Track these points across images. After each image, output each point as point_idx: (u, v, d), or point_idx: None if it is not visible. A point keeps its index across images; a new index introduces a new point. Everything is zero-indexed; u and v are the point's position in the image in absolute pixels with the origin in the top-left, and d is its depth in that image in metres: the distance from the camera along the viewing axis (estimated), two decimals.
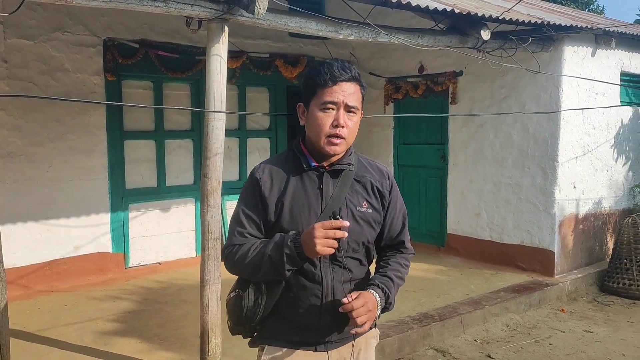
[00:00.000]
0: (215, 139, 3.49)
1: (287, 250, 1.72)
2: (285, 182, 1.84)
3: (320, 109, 1.80)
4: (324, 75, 1.78)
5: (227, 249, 1.85)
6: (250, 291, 1.83)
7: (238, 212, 1.87)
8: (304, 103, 1.86)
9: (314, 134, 1.82)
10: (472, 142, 6.62)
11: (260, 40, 7.02)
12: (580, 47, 5.93)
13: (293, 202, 1.82)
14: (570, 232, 6.10)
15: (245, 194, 1.87)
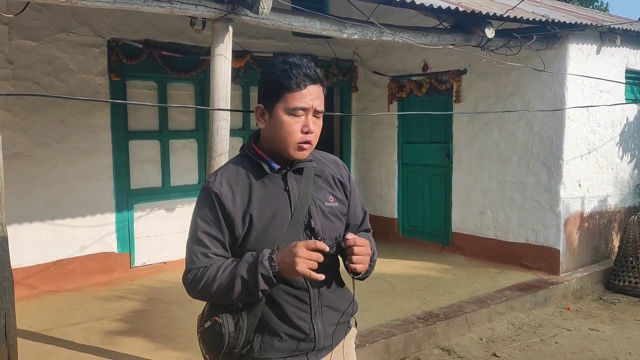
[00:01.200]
0: (220, 139, 3.50)
1: (263, 270, 1.59)
2: (248, 191, 1.70)
3: (288, 114, 1.67)
4: (294, 78, 1.65)
5: (190, 274, 1.68)
6: (228, 316, 1.67)
7: (197, 232, 1.69)
8: (265, 105, 1.71)
9: (281, 139, 1.69)
10: (477, 141, 6.61)
11: (264, 39, 7.02)
12: (584, 45, 5.91)
13: (261, 211, 1.69)
14: (575, 230, 6.08)
15: (204, 212, 1.69)
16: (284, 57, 1.71)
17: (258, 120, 1.74)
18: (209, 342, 1.72)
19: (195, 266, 1.68)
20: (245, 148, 1.78)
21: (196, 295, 1.71)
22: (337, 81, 7.76)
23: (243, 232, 1.68)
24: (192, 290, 1.70)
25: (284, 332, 1.73)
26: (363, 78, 7.87)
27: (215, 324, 1.68)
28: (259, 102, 1.73)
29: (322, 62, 7.53)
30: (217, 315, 1.68)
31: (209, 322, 1.70)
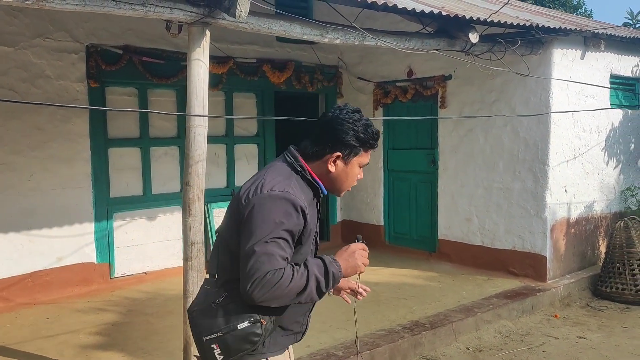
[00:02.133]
0: (198, 145, 3.39)
1: (334, 270, 1.83)
2: (311, 204, 1.92)
3: (359, 166, 1.99)
4: (375, 142, 1.97)
5: (269, 274, 1.73)
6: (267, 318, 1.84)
7: (277, 236, 1.77)
8: (344, 155, 1.95)
9: (344, 184, 2.00)
10: (463, 147, 6.55)
11: (247, 45, 6.93)
12: (569, 50, 5.89)
13: (310, 228, 1.90)
14: (562, 236, 6.03)
15: (289, 220, 1.80)
16: (361, 114, 1.97)
17: (330, 164, 1.95)
18: (237, 342, 1.81)
19: (273, 267, 1.74)
20: (297, 166, 1.94)
21: (264, 295, 1.74)
22: (322, 87, 7.69)
23: (303, 240, 1.89)
24: (263, 289, 1.73)
25: (290, 328, 1.94)
26: (348, 84, 7.80)
27: (255, 325, 1.81)
28: (338, 150, 1.94)
29: (307, 68, 7.46)
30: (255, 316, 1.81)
31: (246, 323, 1.80)
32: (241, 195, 1.87)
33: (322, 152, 1.95)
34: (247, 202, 1.82)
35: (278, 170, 1.92)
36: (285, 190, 1.83)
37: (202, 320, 1.85)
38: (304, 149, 1.98)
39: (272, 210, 1.79)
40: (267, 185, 1.83)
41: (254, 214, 1.79)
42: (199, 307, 1.89)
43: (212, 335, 1.82)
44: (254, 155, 7.19)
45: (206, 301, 1.88)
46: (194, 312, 1.89)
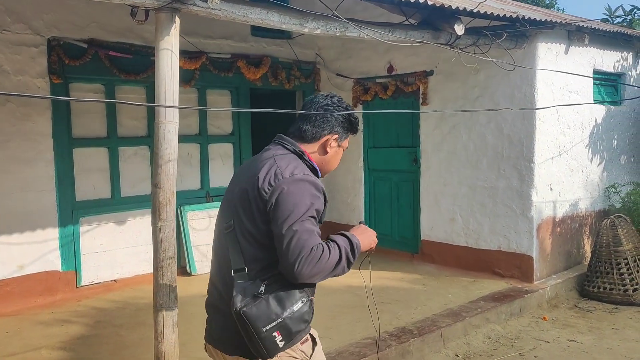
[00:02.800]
0: (168, 143, 3.09)
1: (357, 242, 1.97)
2: None
3: (341, 149, 2.18)
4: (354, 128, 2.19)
5: (314, 249, 1.83)
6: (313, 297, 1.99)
7: (311, 214, 1.89)
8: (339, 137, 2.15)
9: (332, 165, 2.19)
10: (445, 144, 6.36)
11: (221, 40, 6.63)
12: (553, 44, 5.74)
13: None
14: (548, 235, 5.88)
15: (317, 201, 1.92)
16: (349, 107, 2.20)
17: (329, 146, 2.13)
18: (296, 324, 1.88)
19: (315, 243, 1.84)
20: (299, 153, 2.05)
21: (311, 271, 1.82)
22: (299, 84, 7.42)
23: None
24: (310, 264, 1.81)
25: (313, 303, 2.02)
26: (326, 81, 7.55)
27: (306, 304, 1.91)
28: (335, 132, 2.13)
29: (283, 64, 7.18)
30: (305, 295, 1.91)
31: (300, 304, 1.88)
32: (259, 186, 1.91)
33: (319, 134, 2.10)
34: (271, 189, 1.89)
35: (287, 158, 2.00)
36: (305, 173, 1.95)
37: (256, 314, 1.83)
38: (300, 133, 2.10)
39: (300, 192, 1.89)
40: (286, 171, 1.92)
41: (284, 198, 1.87)
42: (244, 302, 1.85)
43: (272, 324, 1.84)
44: (229, 155, 6.89)
45: (247, 295, 1.87)
46: (243, 309, 1.83)
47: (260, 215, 1.90)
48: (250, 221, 1.93)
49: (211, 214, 6.50)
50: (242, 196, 1.96)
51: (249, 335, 1.84)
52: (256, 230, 1.92)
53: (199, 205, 6.44)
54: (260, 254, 1.93)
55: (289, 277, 1.85)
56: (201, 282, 6.16)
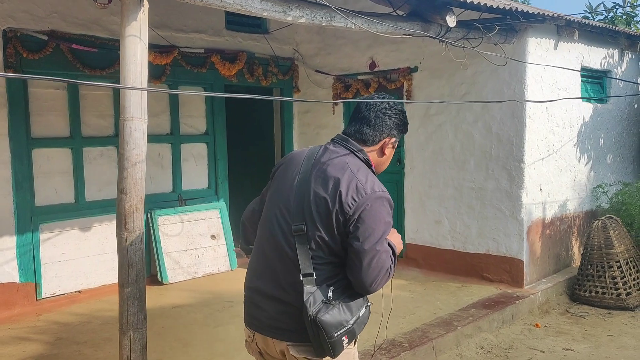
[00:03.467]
0: (135, 143, 2.73)
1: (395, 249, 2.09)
2: None
3: (393, 148, 2.23)
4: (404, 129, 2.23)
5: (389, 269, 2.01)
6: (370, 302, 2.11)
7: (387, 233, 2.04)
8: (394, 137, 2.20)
9: (385, 165, 2.25)
10: (431, 144, 6.09)
11: (194, 33, 6.24)
12: (543, 39, 5.52)
13: None
14: (538, 238, 5.66)
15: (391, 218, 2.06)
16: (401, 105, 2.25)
17: (386, 149, 2.19)
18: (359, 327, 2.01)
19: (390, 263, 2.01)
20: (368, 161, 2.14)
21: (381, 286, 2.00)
22: (276, 81, 7.07)
23: None
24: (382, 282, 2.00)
25: None
26: (305, 78, 7.22)
27: (368, 309, 2.06)
28: (393, 135, 2.19)
29: (260, 60, 6.83)
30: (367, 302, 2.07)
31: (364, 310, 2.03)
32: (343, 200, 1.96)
33: (379, 137, 2.15)
34: (354, 204, 1.96)
35: (363, 169, 2.07)
36: (383, 190, 2.03)
37: (330, 321, 1.92)
38: (360, 136, 2.16)
39: (381, 211, 2.00)
40: (367, 186, 1.99)
41: (367, 215, 1.96)
42: (316, 308, 1.93)
43: (342, 330, 1.93)
44: (203, 156, 6.50)
45: (317, 300, 1.94)
46: (318, 317, 1.91)
47: (338, 227, 1.98)
48: (327, 231, 1.99)
49: (184, 219, 6.11)
50: (320, 204, 2.01)
51: (319, 339, 1.93)
52: (332, 241, 1.99)
53: (170, 209, 6.04)
54: (330, 258, 2.01)
55: (359, 290, 2.01)
56: (174, 292, 5.80)
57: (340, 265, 2.02)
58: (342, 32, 6.81)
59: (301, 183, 2.08)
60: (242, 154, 7.84)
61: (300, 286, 1.96)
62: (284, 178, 2.15)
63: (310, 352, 2.00)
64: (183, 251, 6.03)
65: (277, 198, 2.13)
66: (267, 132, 7.41)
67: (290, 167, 2.18)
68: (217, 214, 6.42)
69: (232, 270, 6.35)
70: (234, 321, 4.70)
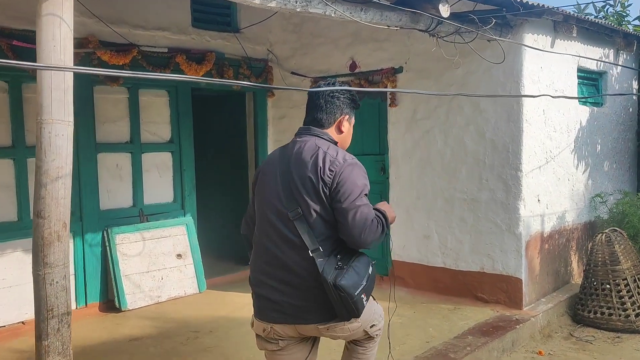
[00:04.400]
0: (56, 153, 2.13)
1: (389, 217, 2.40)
2: None
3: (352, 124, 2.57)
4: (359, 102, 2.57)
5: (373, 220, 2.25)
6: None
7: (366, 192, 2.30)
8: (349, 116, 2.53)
9: (347, 141, 2.56)
10: (418, 151, 5.57)
11: (156, 31, 5.64)
12: (540, 36, 5.05)
13: None
14: (536, 254, 5.16)
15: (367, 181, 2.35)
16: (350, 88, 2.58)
17: (343, 126, 2.50)
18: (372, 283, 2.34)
19: (373, 215, 2.26)
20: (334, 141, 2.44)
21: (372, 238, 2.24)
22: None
23: None
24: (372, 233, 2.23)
25: None
26: (280, 80, 6.65)
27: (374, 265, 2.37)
28: (345, 113, 2.50)
29: (230, 62, 6.25)
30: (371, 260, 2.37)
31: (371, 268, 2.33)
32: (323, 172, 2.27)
33: (333, 118, 2.46)
34: (332, 173, 2.28)
35: (331, 146, 2.38)
36: (353, 158, 2.36)
37: (349, 283, 2.19)
38: (318, 122, 2.46)
39: (357, 174, 2.31)
40: (340, 157, 2.32)
41: (345, 179, 2.27)
42: (334, 275, 2.21)
43: (360, 288, 2.22)
44: (168, 166, 5.87)
45: (331, 268, 2.23)
46: (339, 282, 2.18)
47: (327, 198, 2.26)
48: (319, 204, 2.27)
49: (145, 237, 5.48)
50: (306, 183, 2.28)
51: (343, 301, 2.18)
52: (325, 213, 2.27)
53: (130, 226, 5.40)
54: (329, 232, 2.28)
55: (353, 245, 2.26)
56: (133, 320, 5.11)
57: (339, 239, 2.28)
58: (320, 30, 6.28)
59: (284, 175, 2.35)
60: (212, 163, 7.23)
61: (309, 263, 2.23)
62: (266, 180, 2.42)
63: (336, 320, 2.28)
64: (145, 273, 5.39)
65: (267, 197, 2.39)
66: (240, 139, 6.81)
67: (268, 170, 2.45)
68: (183, 231, 5.79)
69: (200, 292, 5.72)
70: (199, 357, 4.10)
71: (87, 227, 5.13)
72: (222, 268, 6.45)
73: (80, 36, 5.05)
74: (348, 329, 2.34)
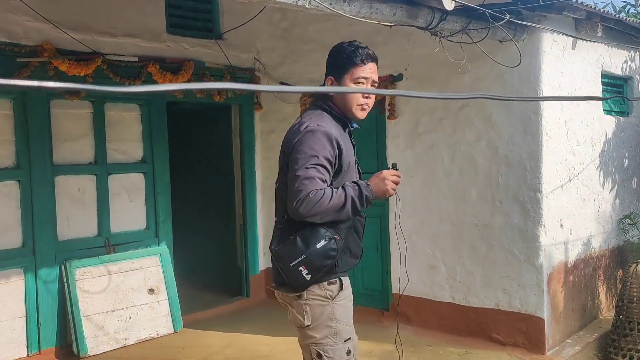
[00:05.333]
0: None
1: (367, 193, 2.20)
2: (343, 138, 2.30)
3: (354, 82, 2.32)
4: (360, 57, 2.32)
5: (311, 193, 2.11)
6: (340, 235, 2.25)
7: (317, 162, 2.16)
8: (335, 77, 2.35)
9: (348, 102, 2.33)
10: (421, 169, 4.90)
11: (125, 37, 5.03)
12: (560, 36, 4.37)
13: (347, 157, 2.28)
14: (560, 288, 4.45)
15: (325, 150, 2.18)
16: (351, 41, 2.39)
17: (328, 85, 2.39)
18: (320, 259, 2.20)
19: (315, 187, 2.13)
20: (325, 107, 2.34)
21: (309, 211, 2.13)
22: (233, 96, 5.87)
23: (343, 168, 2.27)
24: (308, 205, 2.12)
25: (354, 251, 2.37)
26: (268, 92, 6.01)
27: (331, 242, 2.21)
28: (329, 75, 2.39)
29: (212, 71, 5.63)
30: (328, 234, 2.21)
31: (323, 242, 2.19)
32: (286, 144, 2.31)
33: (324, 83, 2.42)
34: (289, 143, 2.27)
35: (311, 114, 2.33)
36: (319, 124, 2.24)
37: (285, 251, 2.22)
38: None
39: (309, 142, 2.19)
40: (304, 125, 2.26)
41: (295, 148, 2.22)
42: (277, 242, 2.29)
43: (298, 259, 2.18)
44: (139, 189, 5.22)
45: (282, 237, 2.28)
46: (275, 248, 2.28)
47: (287, 168, 2.28)
48: (283, 175, 2.33)
49: (112, 270, 4.82)
50: (280, 159, 2.37)
51: (279, 270, 2.28)
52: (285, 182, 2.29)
53: (93, 259, 4.74)
54: None
55: (292, 215, 2.20)
56: None
57: None
58: (310, 35, 5.66)
59: None
60: (194, 184, 6.59)
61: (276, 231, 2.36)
62: None
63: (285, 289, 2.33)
64: (109, 312, 4.72)
65: None
66: (225, 156, 6.16)
67: None
68: (156, 262, 5.13)
69: (175, 332, 5.04)
70: None
71: (41, 261, 4.48)
72: (203, 302, 5.77)
73: (34, 43, 4.46)
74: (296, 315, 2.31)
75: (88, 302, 4.63)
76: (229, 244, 6.13)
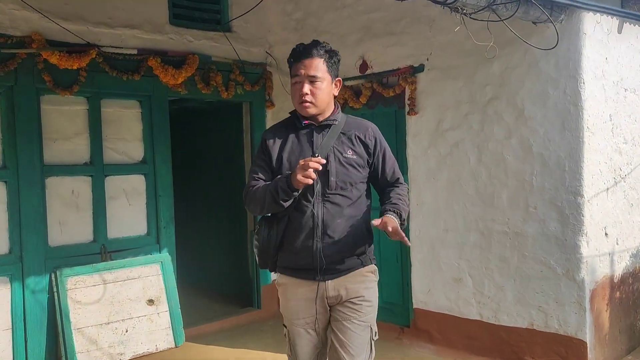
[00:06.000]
0: None
1: (281, 184, 2.29)
2: (285, 138, 2.44)
3: (292, 83, 2.42)
4: (292, 56, 2.43)
5: (246, 190, 2.43)
6: (265, 226, 2.45)
7: (253, 163, 2.50)
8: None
9: (293, 100, 2.44)
10: (445, 170, 4.39)
11: (124, 29, 4.69)
12: (604, 17, 3.82)
13: (290, 153, 2.41)
14: (605, 306, 3.88)
15: (258, 151, 2.50)
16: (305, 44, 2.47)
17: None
18: (254, 243, 2.50)
19: (250, 185, 2.42)
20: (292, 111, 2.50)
21: (247, 204, 2.45)
22: (242, 92, 5.47)
23: (276, 166, 2.42)
24: (246, 199, 2.44)
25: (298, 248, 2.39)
26: (281, 88, 5.60)
27: (256, 230, 2.48)
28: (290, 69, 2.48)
29: (219, 66, 5.25)
30: (259, 224, 2.48)
31: (256, 228, 2.49)
32: None
33: None
34: None
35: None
36: (265, 131, 2.56)
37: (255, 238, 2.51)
38: None
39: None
40: None
41: None
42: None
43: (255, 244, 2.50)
44: (140, 192, 4.86)
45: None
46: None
47: None
48: None
49: (107, 279, 4.47)
50: None
51: None
52: None
53: (87, 267, 4.40)
54: None
55: None
56: None
57: None
58: (324, 26, 5.24)
59: None
60: (200, 187, 6.21)
61: None
62: None
63: None
64: (104, 325, 4.36)
65: None
66: (235, 157, 5.76)
67: None
68: (157, 270, 4.76)
69: (176, 347, 4.66)
70: None
71: (29, 269, 4.15)
72: (210, 314, 5.38)
73: (21, 34, 4.15)
74: None
75: (80, 313, 4.28)
76: (238, 251, 5.72)
